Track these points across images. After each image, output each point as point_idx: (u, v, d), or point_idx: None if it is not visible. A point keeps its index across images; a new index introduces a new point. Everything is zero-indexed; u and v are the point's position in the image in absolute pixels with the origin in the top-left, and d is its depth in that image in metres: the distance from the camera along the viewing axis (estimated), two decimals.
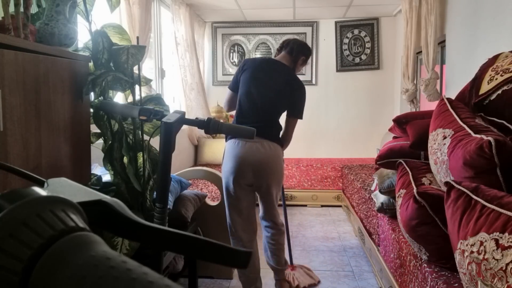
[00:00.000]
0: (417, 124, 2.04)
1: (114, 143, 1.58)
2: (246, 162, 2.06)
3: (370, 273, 2.66)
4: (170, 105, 1.83)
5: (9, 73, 1.06)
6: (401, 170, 1.98)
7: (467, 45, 2.66)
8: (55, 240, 0.27)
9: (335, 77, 4.94)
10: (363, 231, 2.91)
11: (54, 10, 1.37)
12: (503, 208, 1.00)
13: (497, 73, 1.56)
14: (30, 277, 0.25)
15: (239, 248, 0.36)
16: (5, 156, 1.05)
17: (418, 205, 1.52)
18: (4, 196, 0.30)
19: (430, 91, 3.17)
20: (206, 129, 1.35)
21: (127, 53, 1.54)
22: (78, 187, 0.39)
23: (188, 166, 4.20)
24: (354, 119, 4.95)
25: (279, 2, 4.19)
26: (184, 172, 2.48)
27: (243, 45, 5.02)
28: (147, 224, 0.36)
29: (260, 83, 2.13)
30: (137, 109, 1.39)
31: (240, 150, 2.06)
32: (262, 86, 2.12)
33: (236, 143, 2.08)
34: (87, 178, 1.54)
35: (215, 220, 2.48)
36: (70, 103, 1.38)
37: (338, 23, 4.87)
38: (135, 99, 1.67)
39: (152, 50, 3.58)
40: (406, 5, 3.63)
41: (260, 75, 2.14)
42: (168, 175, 1.33)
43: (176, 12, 3.84)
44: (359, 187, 3.29)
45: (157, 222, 1.34)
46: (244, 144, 2.06)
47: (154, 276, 0.25)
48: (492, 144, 1.19)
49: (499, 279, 0.91)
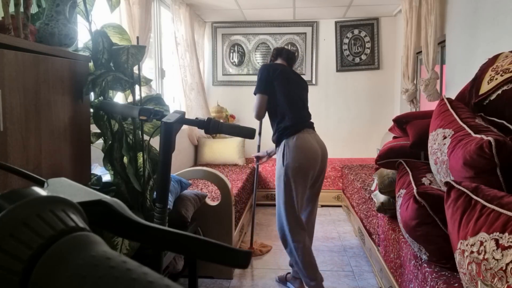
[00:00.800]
0: (417, 124, 2.04)
1: (114, 143, 1.58)
2: (318, 154, 2.25)
3: (370, 273, 2.66)
4: (170, 105, 1.83)
5: (9, 73, 1.06)
6: (401, 170, 1.98)
7: (467, 45, 2.66)
8: (55, 240, 0.27)
9: (335, 77, 4.94)
10: (363, 231, 2.91)
11: (54, 10, 1.37)
12: (503, 208, 1.00)
13: (497, 73, 1.56)
14: (30, 277, 0.25)
15: (239, 248, 0.36)
16: (5, 156, 1.05)
17: (418, 205, 1.52)
18: (4, 196, 0.30)
19: (430, 91, 3.17)
20: (206, 129, 1.35)
21: (127, 53, 1.54)
22: (78, 187, 0.39)
23: (188, 166, 4.20)
24: (354, 119, 4.95)
25: (279, 2, 4.19)
26: (184, 172, 2.48)
27: (243, 45, 5.02)
28: (147, 224, 0.36)
29: (296, 85, 2.36)
30: (137, 109, 1.38)
31: (312, 142, 2.24)
32: (297, 88, 2.36)
33: (304, 136, 2.22)
34: (87, 178, 1.54)
35: (215, 220, 2.48)
36: (70, 103, 1.38)
37: (338, 23, 4.87)
38: (135, 99, 1.67)
39: (152, 50, 3.58)
40: (406, 5, 3.63)
41: (292, 78, 2.36)
42: (168, 175, 1.33)
43: (176, 12, 3.84)
44: (359, 187, 3.29)
45: (157, 222, 1.34)
46: (314, 137, 2.27)
47: (154, 276, 0.25)
48: (492, 144, 1.19)
49: (499, 279, 0.91)
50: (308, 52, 4.92)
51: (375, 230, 2.52)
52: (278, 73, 2.29)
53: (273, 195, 4.46)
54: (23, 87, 1.12)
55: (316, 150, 2.24)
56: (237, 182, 3.50)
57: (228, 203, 2.53)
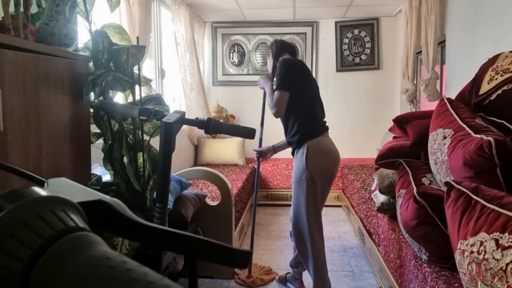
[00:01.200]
0: (417, 124, 2.04)
1: (114, 143, 1.58)
2: (339, 157, 2.26)
3: (370, 273, 2.66)
4: (170, 105, 1.83)
5: (9, 73, 1.06)
6: (401, 170, 1.98)
7: (467, 45, 2.66)
8: (55, 240, 0.27)
9: (335, 77, 4.94)
10: (363, 231, 2.91)
11: (54, 10, 1.37)
12: (503, 208, 1.00)
13: (497, 73, 1.56)
14: (30, 277, 0.25)
15: (239, 248, 0.36)
16: (5, 156, 1.05)
17: (418, 205, 1.52)
18: (4, 196, 0.30)
19: (430, 91, 3.17)
20: (206, 129, 1.35)
21: (127, 53, 1.54)
22: (78, 187, 0.39)
23: (188, 166, 4.20)
24: (354, 119, 4.95)
25: (279, 2, 4.19)
26: (184, 172, 2.48)
27: (243, 45, 5.02)
28: (147, 224, 0.36)
29: (315, 84, 2.30)
30: (137, 109, 1.38)
31: (333, 145, 2.24)
32: (316, 87, 2.30)
33: (327, 139, 2.22)
34: (87, 178, 1.54)
35: (215, 220, 2.48)
36: (70, 103, 1.38)
37: (338, 23, 4.87)
38: (135, 99, 1.67)
39: (152, 50, 3.58)
40: (406, 5, 3.63)
41: (312, 76, 2.31)
42: (168, 175, 1.33)
43: (176, 12, 3.84)
44: (359, 187, 3.29)
45: (157, 222, 1.34)
46: (330, 139, 2.26)
47: (154, 276, 0.25)
48: (492, 144, 1.19)
49: (499, 279, 0.91)
50: (308, 52, 4.92)
51: (375, 230, 2.52)
52: (302, 70, 2.21)
53: (273, 195, 4.46)
54: (23, 87, 1.12)
55: (337, 154, 2.24)
56: (237, 182, 3.50)
57: (228, 203, 2.53)
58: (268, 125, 2.32)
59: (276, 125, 2.50)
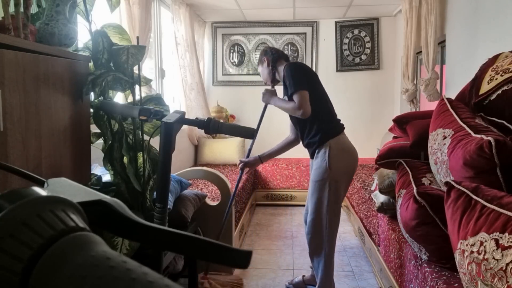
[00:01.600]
0: (417, 124, 2.04)
1: (114, 143, 1.58)
2: (357, 155, 2.25)
3: (370, 273, 2.66)
4: (170, 105, 1.83)
5: (9, 73, 1.06)
6: (401, 170, 1.98)
7: (467, 45, 2.66)
8: (55, 240, 0.27)
9: (335, 77, 4.94)
10: (363, 231, 2.91)
11: (54, 10, 1.37)
12: (503, 208, 1.00)
13: (497, 73, 1.56)
14: (30, 277, 0.25)
15: (239, 248, 0.36)
16: (5, 156, 1.05)
17: (418, 205, 1.52)
18: (4, 196, 0.30)
19: (430, 91, 3.17)
20: (206, 129, 1.35)
21: (127, 53, 1.54)
22: (78, 187, 0.39)
23: (188, 166, 4.20)
24: (354, 119, 4.95)
25: (279, 2, 4.19)
26: (184, 172, 2.48)
27: (243, 45, 5.02)
28: (147, 224, 0.36)
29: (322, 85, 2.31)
30: (137, 109, 1.38)
31: (351, 143, 2.23)
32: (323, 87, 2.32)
33: (345, 136, 2.22)
34: (87, 178, 1.54)
35: (215, 220, 2.48)
36: (70, 103, 1.38)
37: (338, 23, 4.87)
38: (135, 99, 1.67)
39: (152, 50, 3.58)
40: (406, 5, 3.63)
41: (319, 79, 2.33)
42: (168, 175, 1.33)
43: (176, 12, 3.84)
44: (359, 187, 3.29)
45: (157, 222, 1.34)
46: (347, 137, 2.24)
47: (154, 276, 0.25)
48: (492, 144, 1.19)
49: (499, 279, 0.91)
50: (308, 52, 4.92)
51: (375, 230, 2.52)
52: (311, 71, 2.23)
53: (273, 195, 4.46)
54: (23, 87, 1.12)
55: (356, 151, 2.24)
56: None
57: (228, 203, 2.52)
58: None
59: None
